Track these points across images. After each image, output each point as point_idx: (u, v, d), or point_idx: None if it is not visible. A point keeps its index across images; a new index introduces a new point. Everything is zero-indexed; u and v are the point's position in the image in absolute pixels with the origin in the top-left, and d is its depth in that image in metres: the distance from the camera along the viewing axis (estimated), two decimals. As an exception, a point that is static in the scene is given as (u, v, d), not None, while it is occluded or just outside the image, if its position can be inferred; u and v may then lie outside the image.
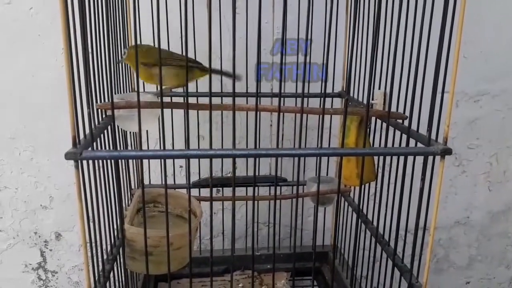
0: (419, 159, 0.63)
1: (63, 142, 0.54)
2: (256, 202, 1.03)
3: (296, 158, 0.69)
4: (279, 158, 0.63)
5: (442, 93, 0.59)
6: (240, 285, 1.01)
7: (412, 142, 0.65)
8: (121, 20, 0.81)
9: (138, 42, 0.65)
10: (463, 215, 1.35)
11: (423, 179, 0.61)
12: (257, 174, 1.03)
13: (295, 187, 1.05)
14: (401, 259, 0.71)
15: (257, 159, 0.95)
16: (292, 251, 1.08)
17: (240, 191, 1.08)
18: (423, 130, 0.63)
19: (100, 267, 0.66)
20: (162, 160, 0.58)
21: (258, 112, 0.66)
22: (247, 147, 1.03)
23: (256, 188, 1.02)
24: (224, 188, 1.11)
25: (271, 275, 1.03)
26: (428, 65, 0.61)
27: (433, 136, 0.60)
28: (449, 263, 1.40)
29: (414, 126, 0.65)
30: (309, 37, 0.60)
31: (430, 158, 0.61)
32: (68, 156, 0.52)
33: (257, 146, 0.60)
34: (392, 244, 0.73)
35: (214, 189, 1.13)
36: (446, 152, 0.58)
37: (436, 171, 0.60)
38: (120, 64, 0.80)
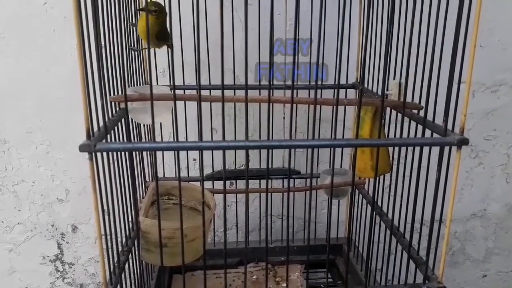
0: (435, 150, 0.62)
1: (78, 135, 0.54)
2: (269, 194, 1.03)
3: (310, 150, 0.68)
4: (293, 150, 0.63)
5: (459, 83, 0.58)
6: (254, 277, 1.01)
7: (427, 133, 0.64)
8: (133, 13, 0.81)
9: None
10: (479, 207, 1.33)
11: (439, 170, 0.60)
12: (270, 166, 1.02)
13: (308, 180, 1.05)
14: (417, 252, 0.70)
15: (270, 151, 0.94)
16: (306, 244, 1.08)
17: (254, 184, 1.08)
18: (438, 121, 0.62)
19: (116, 259, 0.67)
20: (176, 152, 0.58)
21: (271, 104, 0.65)
22: (260, 139, 1.03)
23: (270, 180, 1.02)
24: (237, 181, 1.12)
25: (285, 267, 1.03)
26: (444, 54, 0.60)
27: (449, 127, 0.59)
28: (465, 256, 1.39)
29: (429, 117, 0.64)
30: (320, 30, 0.59)
31: (446, 149, 0.60)
32: (82, 148, 0.52)
33: (270, 138, 0.60)
34: (407, 236, 0.72)
35: (228, 182, 1.14)
36: (462, 142, 0.57)
37: (452, 163, 0.59)
38: (132, 54, 0.80)
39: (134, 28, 0.81)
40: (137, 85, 0.84)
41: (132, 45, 0.79)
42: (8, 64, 1.08)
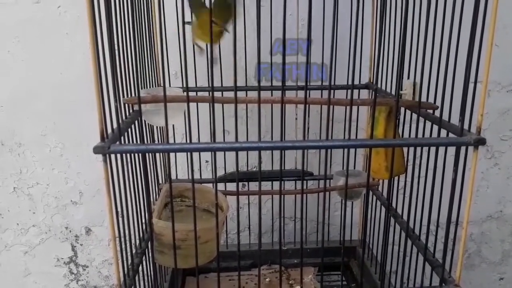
0: (450, 151, 0.61)
1: (92, 138, 0.54)
2: (282, 196, 1.03)
3: (323, 151, 0.68)
4: (306, 151, 0.63)
5: (475, 83, 0.57)
6: (267, 279, 1.01)
7: (443, 133, 0.63)
8: (146, 15, 0.81)
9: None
10: (495, 209, 1.31)
11: (455, 171, 0.59)
12: (282, 168, 1.02)
13: (321, 181, 1.04)
14: (433, 254, 0.69)
15: (283, 152, 0.94)
16: (320, 246, 1.07)
17: (266, 186, 1.07)
18: (454, 121, 0.61)
19: (129, 261, 0.67)
20: (189, 154, 0.58)
21: (284, 105, 0.65)
22: (272, 140, 1.03)
23: (282, 182, 1.02)
24: (249, 183, 1.11)
25: (298, 270, 1.02)
26: (459, 53, 0.59)
27: (465, 127, 0.58)
28: (481, 259, 1.36)
29: (445, 117, 0.63)
30: (334, 31, 0.58)
31: (463, 149, 0.59)
32: (96, 150, 0.52)
33: (283, 139, 0.60)
34: (422, 238, 0.71)
35: (240, 183, 1.13)
36: (479, 142, 0.55)
37: (468, 163, 0.58)
38: (144, 56, 0.80)
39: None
40: (150, 87, 0.84)
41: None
42: (22, 67, 1.09)
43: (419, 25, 0.71)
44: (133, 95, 0.68)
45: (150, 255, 0.75)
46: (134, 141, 0.68)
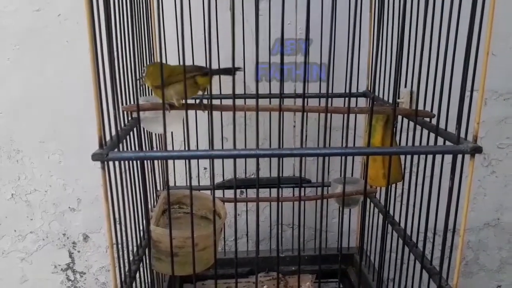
0: (447, 159, 0.61)
1: (91, 145, 0.55)
2: (280, 203, 1.03)
3: (321, 159, 0.68)
4: (303, 158, 0.63)
5: (471, 91, 0.58)
6: (264, 286, 1.01)
7: (440, 141, 0.63)
8: (145, 24, 0.82)
9: (159, 60, 0.59)
10: (493, 216, 1.31)
11: (452, 179, 0.59)
12: (280, 175, 1.02)
13: (319, 188, 1.04)
14: (430, 261, 0.69)
15: (281, 159, 0.94)
16: (318, 253, 1.07)
17: (263, 193, 1.08)
18: (451, 129, 0.61)
19: (127, 268, 0.67)
20: (187, 161, 0.59)
21: (282, 113, 0.65)
22: (270, 147, 1.03)
23: (280, 189, 1.02)
24: (247, 190, 1.12)
25: (295, 277, 1.02)
26: (456, 61, 0.60)
27: (462, 135, 0.59)
28: (479, 266, 1.36)
29: (441, 125, 0.63)
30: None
31: (459, 157, 0.59)
32: (94, 157, 0.53)
33: (281, 147, 0.60)
34: (420, 246, 0.71)
35: (238, 191, 1.13)
36: (476, 150, 0.56)
37: (465, 171, 0.58)
38: (144, 64, 0.81)
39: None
40: (149, 94, 0.84)
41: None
42: (23, 74, 1.09)
43: (416, 33, 0.71)
44: (132, 102, 0.69)
45: (147, 262, 0.75)
46: (133, 148, 0.68)
